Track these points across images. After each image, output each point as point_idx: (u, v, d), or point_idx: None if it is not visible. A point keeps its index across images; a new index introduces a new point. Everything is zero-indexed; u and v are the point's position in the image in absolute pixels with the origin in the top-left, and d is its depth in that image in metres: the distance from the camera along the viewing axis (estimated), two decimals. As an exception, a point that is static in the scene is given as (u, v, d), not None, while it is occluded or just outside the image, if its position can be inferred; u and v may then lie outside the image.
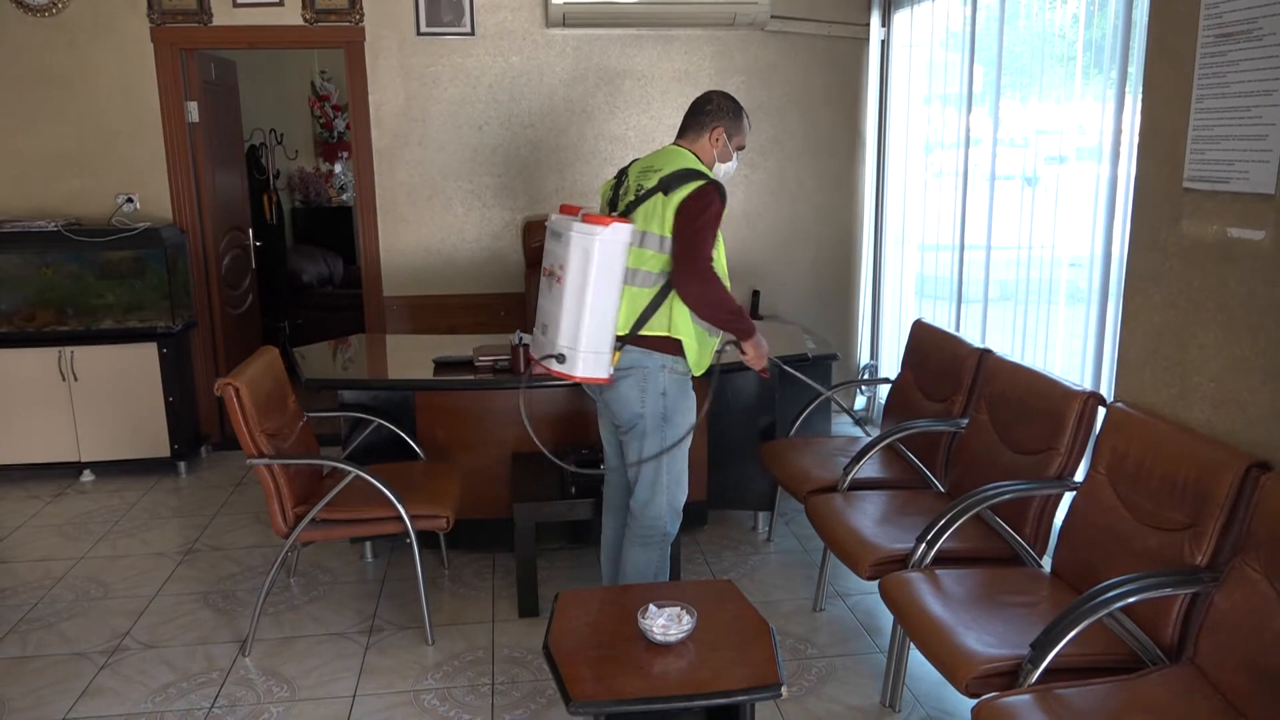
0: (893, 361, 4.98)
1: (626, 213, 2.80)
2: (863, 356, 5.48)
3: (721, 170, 2.89)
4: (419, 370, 3.73)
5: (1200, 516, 2.20)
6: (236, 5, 4.79)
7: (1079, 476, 2.72)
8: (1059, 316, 3.51)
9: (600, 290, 2.69)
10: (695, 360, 2.82)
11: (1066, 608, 2.16)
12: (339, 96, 7.57)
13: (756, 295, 5.35)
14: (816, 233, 5.46)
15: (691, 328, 2.78)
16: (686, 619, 2.26)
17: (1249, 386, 2.26)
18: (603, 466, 3.13)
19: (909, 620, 2.43)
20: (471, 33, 4.98)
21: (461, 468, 3.56)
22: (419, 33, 4.96)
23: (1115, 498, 2.47)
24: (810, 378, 3.97)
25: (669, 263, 2.73)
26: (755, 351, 2.90)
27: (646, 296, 2.76)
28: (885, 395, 3.93)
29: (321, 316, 6.74)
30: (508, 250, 5.25)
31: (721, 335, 2.91)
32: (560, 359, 2.73)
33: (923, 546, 2.66)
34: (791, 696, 2.84)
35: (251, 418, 3.00)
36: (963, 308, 4.24)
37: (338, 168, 7.76)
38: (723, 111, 2.86)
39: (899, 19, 4.97)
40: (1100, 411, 2.70)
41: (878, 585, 2.63)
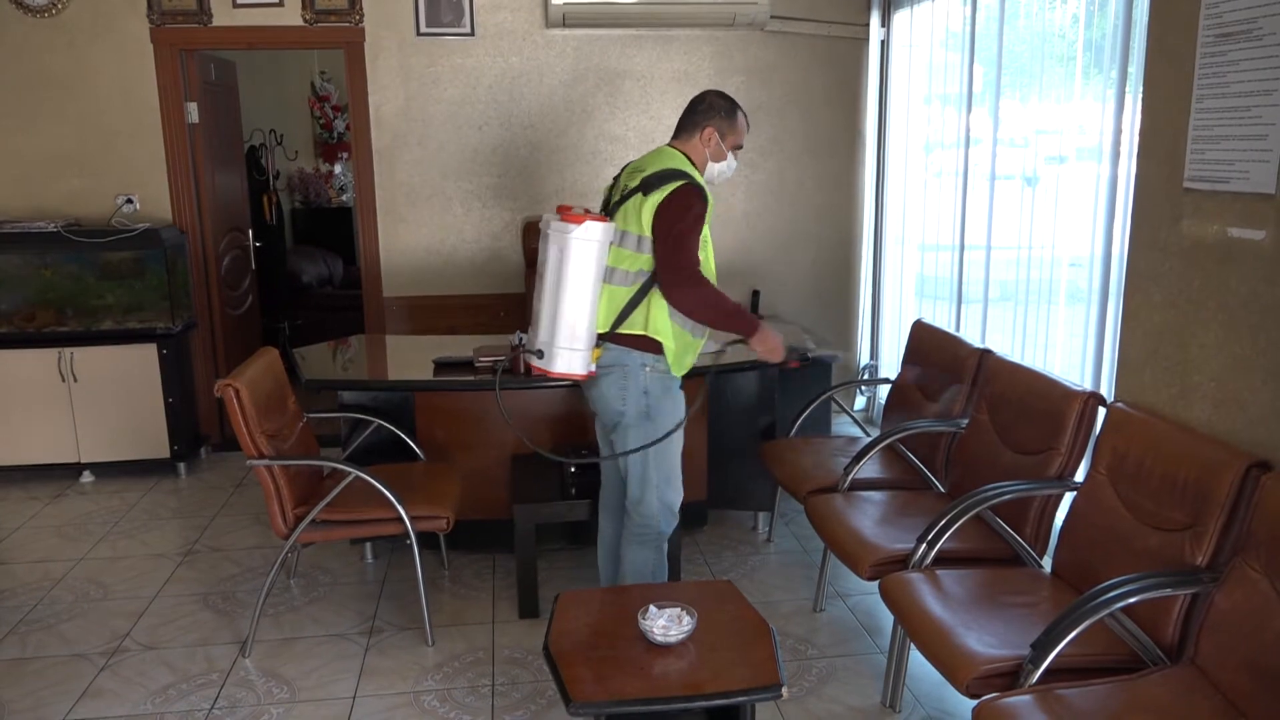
0: (893, 361, 4.98)
1: (611, 212, 2.80)
2: (863, 356, 5.48)
3: (715, 170, 2.87)
4: (419, 371, 3.73)
5: (1201, 516, 2.20)
6: (236, 6, 4.79)
7: (1079, 476, 2.72)
8: (1059, 316, 3.51)
9: (574, 287, 2.69)
10: (675, 360, 2.79)
11: (1067, 608, 2.16)
12: (339, 97, 7.57)
13: (756, 295, 5.35)
14: (816, 233, 5.46)
15: (669, 327, 2.76)
16: (686, 620, 2.26)
17: (1249, 386, 2.26)
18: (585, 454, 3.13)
19: (909, 621, 2.43)
20: (471, 33, 4.98)
21: (461, 468, 3.56)
22: (419, 33, 4.96)
23: (1116, 498, 2.47)
24: (809, 377, 3.98)
25: (648, 262, 2.72)
26: (765, 345, 2.84)
27: (625, 295, 2.75)
28: (885, 395, 3.93)
29: (321, 317, 6.73)
30: (507, 251, 5.25)
31: (708, 335, 2.89)
32: (539, 355, 2.76)
33: (923, 547, 2.66)
34: (792, 697, 2.83)
35: (251, 419, 2.99)
36: (963, 308, 4.24)
37: (337, 168, 7.76)
38: (715, 111, 2.83)
39: (899, 19, 4.97)
40: (1100, 411, 2.70)
41: (878, 586, 2.63)
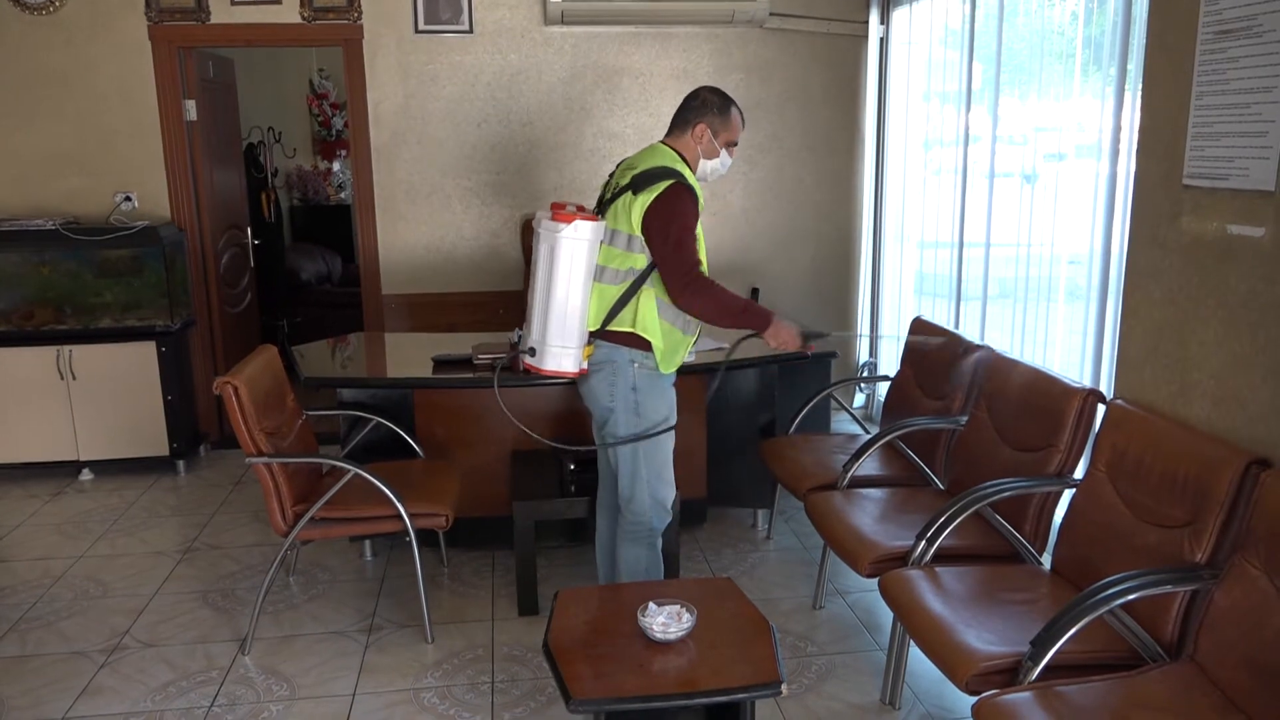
0: (892, 359, 4.98)
1: (603, 210, 2.81)
2: (862, 354, 5.48)
3: (708, 167, 2.85)
4: (418, 368, 3.72)
5: (1200, 513, 2.20)
6: (234, 3, 4.78)
7: (1079, 474, 2.72)
8: (1058, 314, 3.51)
9: (564, 286, 2.70)
10: (664, 357, 2.78)
11: (1066, 605, 2.16)
12: (337, 94, 7.56)
13: (755, 292, 5.35)
14: (816, 230, 5.45)
15: (658, 325, 2.75)
16: (686, 617, 2.26)
17: (1249, 383, 2.26)
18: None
19: (909, 618, 2.43)
20: (470, 31, 4.97)
21: (461, 466, 3.56)
22: (417, 30, 4.95)
23: (1115, 495, 2.47)
24: (810, 376, 3.97)
25: (638, 261, 2.72)
26: (780, 336, 2.78)
27: (615, 293, 2.75)
28: (885, 393, 3.93)
29: (320, 315, 6.73)
30: (506, 248, 5.24)
31: (699, 332, 2.89)
32: (531, 352, 2.77)
33: (922, 544, 2.66)
34: (791, 694, 2.83)
35: (250, 416, 2.99)
36: (962, 305, 4.23)
37: (336, 166, 7.75)
38: (708, 107, 2.82)
39: (898, 16, 4.97)
40: (1100, 408, 2.70)
41: (877, 583, 2.63)
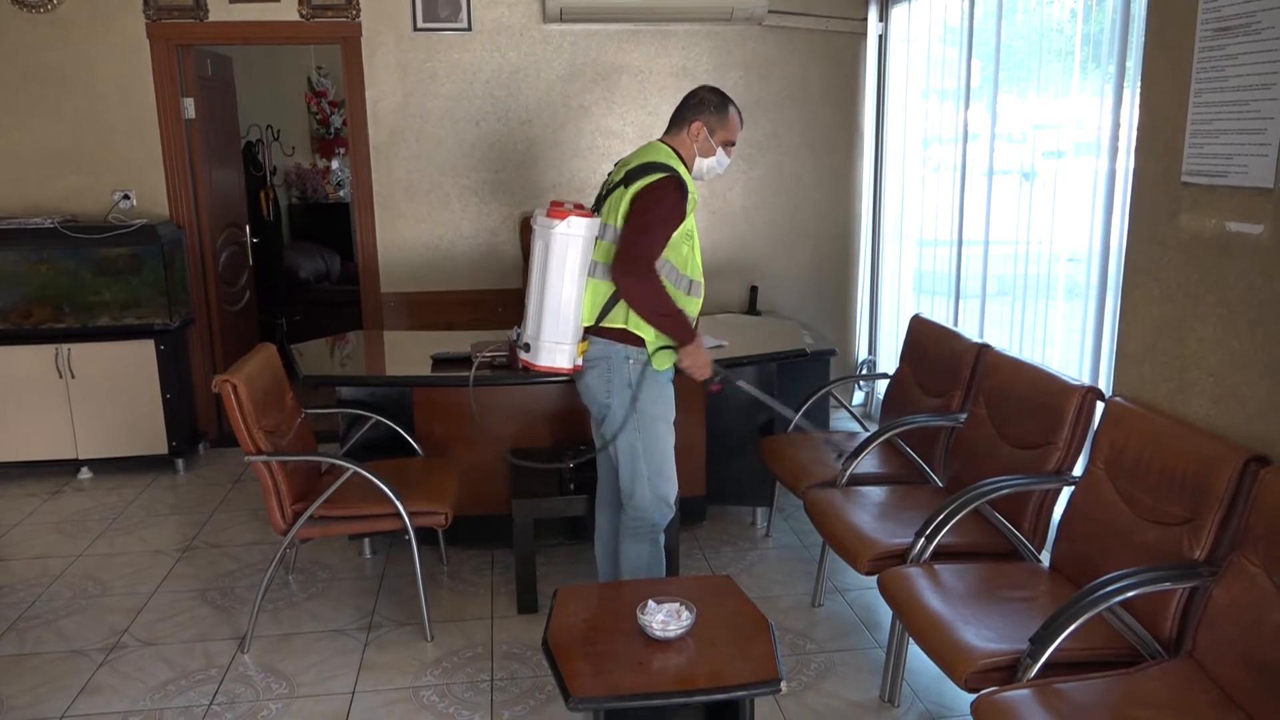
0: (891, 357, 4.98)
1: (598, 207, 2.81)
2: (861, 352, 5.48)
3: (705, 166, 2.85)
4: (417, 366, 3.72)
5: (1199, 511, 2.21)
6: (233, 1, 4.77)
7: (1077, 471, 2.72)
8: (1057, 311, 3.51)
9: (558, 282, 2.71)
10: (656, 354, 2.78)
11: (1065, 602, 2.16)
12: (336, 92, 7.55)
13: (754, 290, 5.35)
14: (814, 228, 5.45)
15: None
16: (685, 614, 2.26)
17: (1248, 380, 2.26)
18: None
19: (908, 615, 2.44)
20: (468, 28, 4.97)
21: (460, 464, 3.56)
22: (415, 28, 4.94)
23: (1114, 492, 2.47)
24: (809, 373, 3.96)
25: None
26: (693, 359, 2.79)
27: (608, 289, 2.76)
28: (884, 390, 3.93)
29: (319, 313, 6.72)
30: (505, 246, 5.24)
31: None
32: (526, 348, 2.78)
33: (921, 541, 2.66)
34: (790, 692, 2.84)
35: (249, 414, 2.99)
36: (961, 303, 4.23)
37: (335, 164, 7.74)
38: (705, 106, 2.82)
39: (897, 14, 4.96)
40: (1099, 406, 2.70)
41: (876, 580, 2.63)
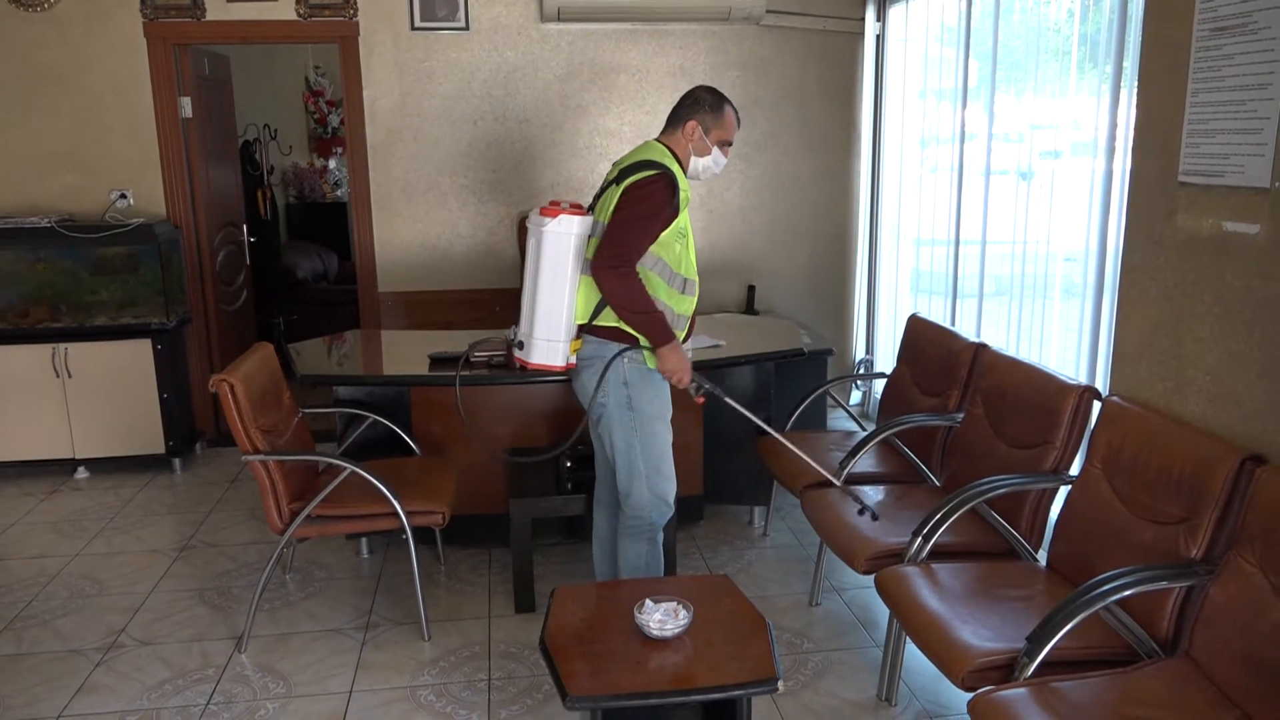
0: (888, 356, 4.99)
1: (593, 205, 2.82)
2: (858, 351, 5.48)
3: (700, 165, 2.85)
4: (414, 366, 3.72)
5: (1195, 510, 2.21)
6: (230, 0, 4.77)
7: (1074, 470, 2.73)
8: (1054, 311, 3.52)
9: (550, 280, 2.72)
10: (649, 353, 2.77)
11: (1062, 601, 2.16)
12: (333, 92, 7.55)
13: (752, 290, 5.35)
14: (812, 228, 5.45)
15: None
16: (683, 614, 2.26)
17: (1244, 380, 2.26)
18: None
19: (905, 614, 2.44)
20: (466, 28, 4.97)
21: (457, 463, 3.55)
22: (413, 27, 4.94)
23: (1111, 491, 2.48)
24: (806, 373, 3.97)
25: None
26: (669, 364, 2.74)
27: None
28: (881, 390, 3.93)
29: (316, 312, 6.71)
30: (503, 245, 5.24)
31: (687, 331, 2.87)
32: (520, 346, 2.79)
33: (918, 541, 2.66)
34: (788, 691, 2.84)
35: (246, 414, 2.99)
36: (958, 302, 4.24)
37: (332, 163, 7.73)
38: (700, 105, 2.83)
39: (894, 13, 4.97)
40: (1095, 405, 2.70)
41: (874, 580, 2.63)
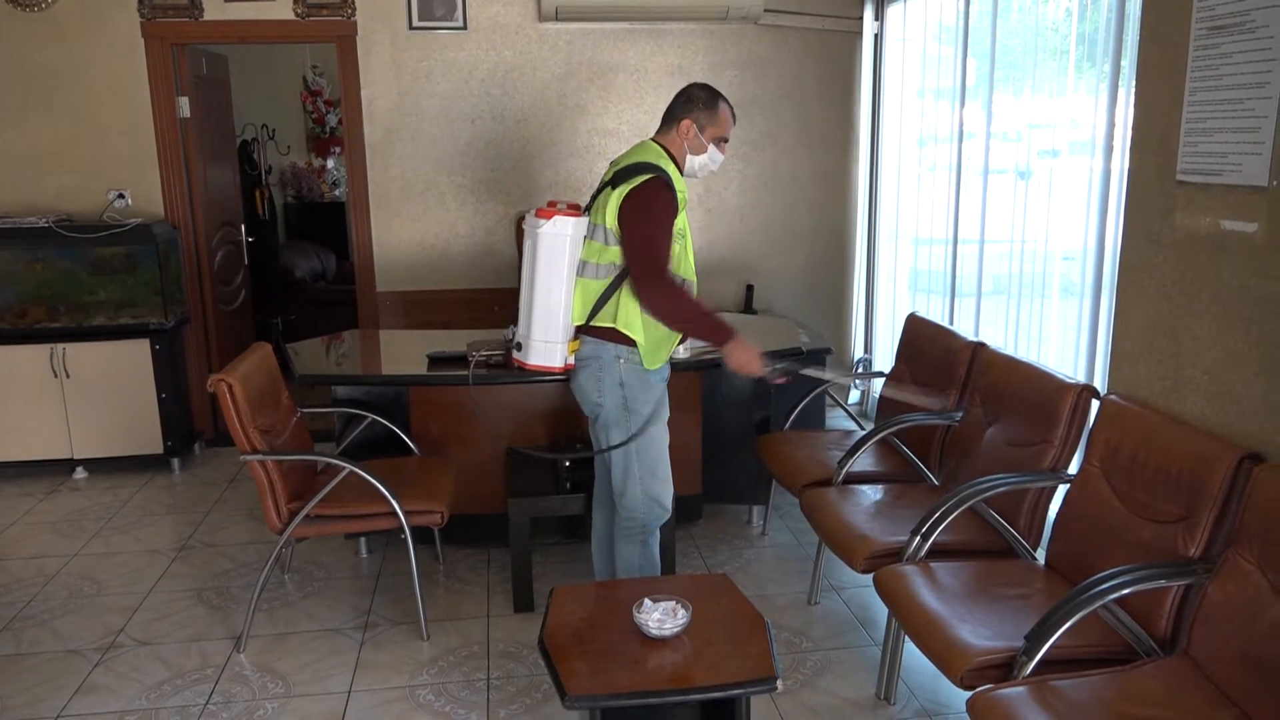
0: (887, 355, 4.99)
1: (589, 206, 2.82)
2: (857, 350, 5.49)
3: (696, 163, 2.84)
4: (413, 365, 3.72)
5: (1194, 508, 2.21)
6: (227, 0, 4.77)
7: (1073, 469, 2.73)
8: (1052, 310, 3.52)
9: (546, 281, 2.72)
10: (647, 354, 2.77)
11: (1061, 600, 2.17)
12: (331, 91, 7.54)
13: (750, 289, 5.35)
14: (810, 227, 5.45)
15: (639, 321, 2.74)
16: (681, 613, 2.26)
17: (1242, 378, 2.27)
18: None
19: (904, 613, 2.44)
20: (464, 27, 4.96)
21: (456, 463, 3.55)
22: (411, 27, 4.94)
23: (1109, 490, 2.48)
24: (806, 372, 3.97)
25: (617, 255, 2.72)
26: (737, 358, 2.69)
27: (598, 288, 2.76)
28: (879, 389, 3.93)
29: (314, 312, 6.71)
30: (501, 245, 5.24)
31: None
32: (519, 347, 2.80)
33: (917, 539, 2.67)
34: (786, 690, 2.84)
35: (245, 414, 2.99)
36: (956, 301, 4.24)
37: (330, 163, 7.73)
38: (694, 103, 2.81)
39: (892, 12, 4.97)
40: (1094, 404, 2.70)
41: (872, 578, 2.64)
